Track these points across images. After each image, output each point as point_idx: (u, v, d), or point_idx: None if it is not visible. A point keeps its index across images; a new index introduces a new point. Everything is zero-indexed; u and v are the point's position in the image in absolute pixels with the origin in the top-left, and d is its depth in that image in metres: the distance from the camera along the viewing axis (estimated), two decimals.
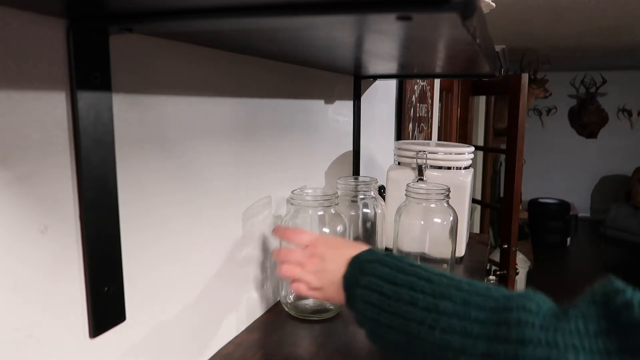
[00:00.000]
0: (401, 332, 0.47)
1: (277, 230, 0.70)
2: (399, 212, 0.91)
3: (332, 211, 0.82)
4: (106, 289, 0.48)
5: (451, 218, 0.88)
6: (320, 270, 0.60)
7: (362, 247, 0.59)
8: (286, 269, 0.63)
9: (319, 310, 0.81)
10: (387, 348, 0.51)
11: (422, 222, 0.90)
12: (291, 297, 0.83)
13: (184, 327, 0.63)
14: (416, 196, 0.89)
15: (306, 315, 0.81)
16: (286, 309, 0.82)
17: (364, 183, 0.95)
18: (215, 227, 0.68)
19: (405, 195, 0.90)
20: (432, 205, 0.89)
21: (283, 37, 0.53)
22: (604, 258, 4.93)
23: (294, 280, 0.63)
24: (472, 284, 0.46)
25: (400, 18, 0.31)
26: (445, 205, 0.88)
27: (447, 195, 0.88)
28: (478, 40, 0.43)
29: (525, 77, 2.01)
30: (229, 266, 0.72)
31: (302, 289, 0.62)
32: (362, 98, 1.21)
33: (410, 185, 0.91)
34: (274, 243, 0.85)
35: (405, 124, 1.65)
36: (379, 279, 0.51)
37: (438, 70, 0.95)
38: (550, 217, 5.26)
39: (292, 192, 0.81)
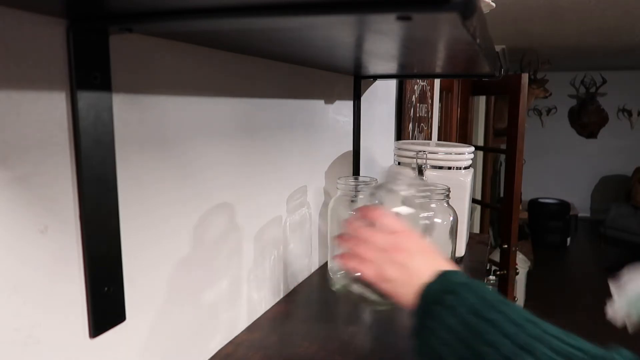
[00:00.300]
0: None
1: (364, 210, 0.61)
2: (398, 212, 0.91)
3: (445, 205, 0.87)
4: (106, 289, 0.48)
5: (451, 218, 0.88)
6: (401, 265, 0.55)
7: (451, 264, 0.55)
8: (365, 248, 0.57)
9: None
10: None
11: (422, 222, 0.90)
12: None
13: (184, 327, 0.63)
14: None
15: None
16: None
17: (364, 183, 0.95)
18: (216, 227, 0.68)
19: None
20: (432, 206, 0.89)
21: (283, 37, 0.53)
22: (604, 258, 4.93)
23: (364, 261, 0.56)
24: (562, 340, 0.42)
25: (400, 18, 0.31)
26: (445, 205, 0.88)
27: (447, 195, 0.88)
28: (478, 40, 0.43)
29: (525, 77, 2.01)
30: (229, 266, 0.72)
31: (371, 273, 0.56)
32: (362, 98, 1.21)
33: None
34: (274, 243, 0.85)
35: (405, 124, 1.65)
36: (466, 306, 0.47)
37: (438, 70, 0.95)
38: (550, 217, 5.26)
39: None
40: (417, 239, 0.58)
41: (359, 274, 0.58)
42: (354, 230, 0.59)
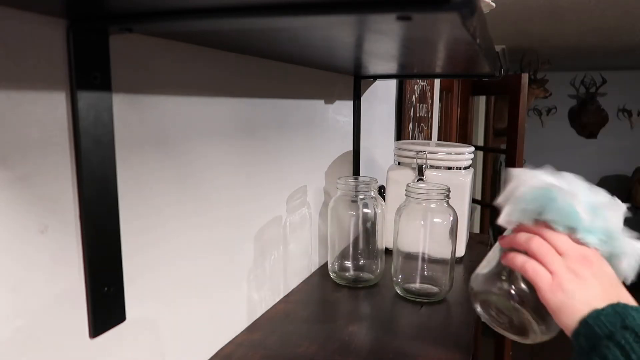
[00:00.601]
0: None
1: (540, 225, 0.54)
2: (399, 212, 0.91)
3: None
4: (106, 289, 0.48)
5: (451, 218, 0.88)
6: (583, 280, 0.48)
7: (631, 299, 0.48)
8: (547, 248, 0.50)
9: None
10: None
11: (422, 222, 0.90)
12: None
13: (184, 327, 0.63)
14: (416, 196, 0.89)
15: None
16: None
17: (364, 183, 0.95)
18: (216, 227, 0.68)
19: (405, 195, 0.90)
20: (432, 205, 0.89)
21: (283, 37, 0.53)
22: None
23: (538, 261, 0.50)
24: None
25: (400, 18, 0.31)
26: (445, 205, 0.88)
27: (447, 195, 0.88)
28: (478, 40, 0.43)
29: (525, 77, 2.01)
30: (229, 266, 0.72)
31: (543, 279, 0.49)
32: (362, 98, 1.21)
33: (410, 185, 0.91)
34: (274, 243, 0.85)
35: (405, 124, 1.65)
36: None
37: (438, 70, 0.95)
38: None
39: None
40: (604, 263, 0.51)
41: (530, 279, 0.50)
42: (536, 230, 0.52)
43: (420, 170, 1.08)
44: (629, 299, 0.48)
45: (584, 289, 0.47)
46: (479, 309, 0.60)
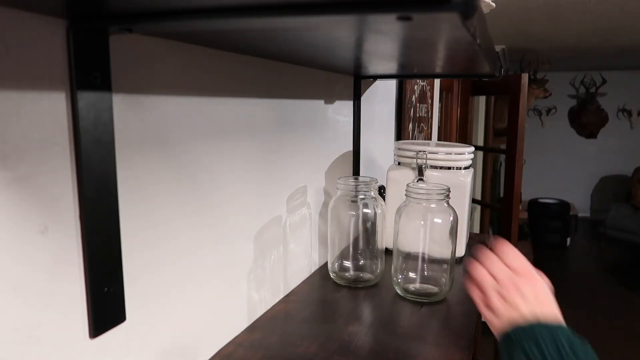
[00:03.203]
0: None
1: (498, 241, 0.67)
2: (399, 212, 0.91)
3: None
4: (106, 289, 0.48)
5: (451, 218, 0.88)
6: (510, 302, 0.60)
7: (557, 315, 0.59)
8: (482, 274, 0.63)
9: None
10: None
11: (422, 222, 0.90)
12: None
13: (184, 327, 0.63)
14: (416, 196, 0.89)
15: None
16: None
17: (364, 183, 0.95)
18: (216, 227, 0.68)
19: (406, 195, 0.90)
20: (432, 206, 0.89)
21: (283, 37, 0.53)
22: (604, 258, 4.93)
23: (479, 287, 0.63)
24: None
25: (400, 18, 0.31)
26: (445, 205, 0.88)
27: (447, 195, 0.88)
28: (478, 40, 0.43)
29: (525, 77, 2.01)
30: (229, 266, 0.72)
31: (479, 300, 0.63)
32: (362, 98, 1.21)
33: (411, 185, 0.91)
34: (274, 243, 0.85)
35: (405, 124, 1.65)
36: (535, 356, 0.52)
37: (438, 70, 0.95)
38: (550, 217, 5.26)
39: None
40: (535, 284, 0.62)
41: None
42: (482, 257, 0.65)
43: (420, 170, 1.08)
44: (555, 315, 0.58)
45: (507, 309, 0.59)
46: None
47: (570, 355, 0.51)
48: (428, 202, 0.89)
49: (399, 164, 1.14)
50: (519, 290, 0.60)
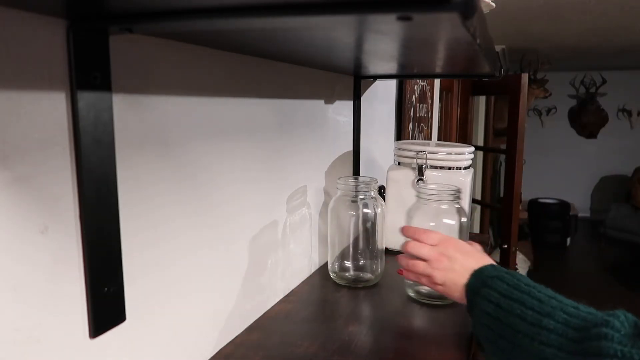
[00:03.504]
0: (508, 340, 0.55)
1: (407, 229, 0.77)
2: (409, 213, 0.91)
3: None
4: (106, 289, 0.48)
5: (462, 219, 0.89)
6: (447, 269, 0.68)
7: (487, 260, 0.68)
8: (412, 263, 0.72)
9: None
10: (494, 352, 0.58)
11: (433, 224, 0.89)
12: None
13: (184, 327, 0.63)
14: (427, 197, 0.89)
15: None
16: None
17: (364, 183, 0.95)
18: (216, 227, 0.68)
19: (417, 196, 0.90)
20: (444, 207, 0.89)
21: (283, 37, 0.53)
22: (604, 258, 4.93)
23: (418, 274, 0.72)
24: (577, 308, 0.53)
25: (400, 18, 0.31)
26: (456, 206, 0.89)
27: (458, 197, 0.88)
28: (478, 40, 0.43)
29: (525, 77, 2.01)
30: (229, 266, 0.72)
31: (425, 281, 0.72)
32: (362, 98, 1.21)
33: (419, 185, 0.91)
34: (274, 244, 0.85)
35: (405, 124, 1.65)
36: (497, 292, 0.59)
37: (438, 70, 0.95)
38: (550, 217, 5.26)
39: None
40: (455, 244, 0.71)
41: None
42: (404, 248, 0.75)
43: (420, 170, 1.08)
44: (482, 260, 0.67)
45: (450, 276, 0.68)
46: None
47: (519, 280, 0.59)
48: (439, 203, 0.88)
49: (399, 164, 1.14)
50: (446, 256, 0.69)
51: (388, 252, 0.97)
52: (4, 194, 0.39)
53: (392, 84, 1.55)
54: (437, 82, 2.13)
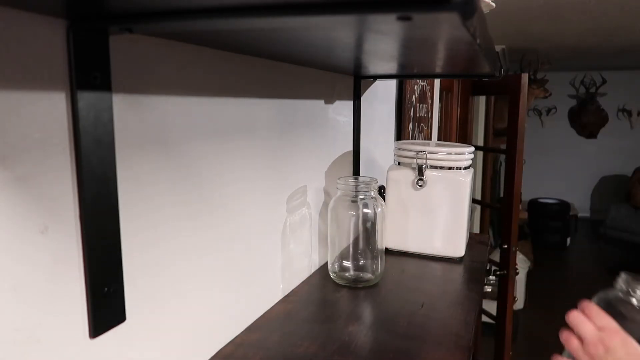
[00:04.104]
0: None
1: (584, 303, 0.70)
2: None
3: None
4: (106, 289, 0.48)
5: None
6: (598, 358, 0.63)
7: None
8: (566, 335, 0.68)
9: None
10: None
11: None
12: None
13: (184, 327, 0.63)
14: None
15: None
16: None
17: (364, 183, 0.95)
18: (216, 227, 0.68)
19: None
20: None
21: (283, 37, 0.53)
22: (604, 258, 4.93)
23: (570, 345, 0.67)
24: None
25: (400, 18, 0.31)
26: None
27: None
28: (478, 40, 0.43)
29: (525, 77, 2.01)
30: (229, 266, 0.72)
31: (573, 353, 0.66)
32: (362, 98, 1.21)
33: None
34: (274, 244, 0.85)
35: (405, 124, 1.65)
36: None
37: (438, 70, 0.95)
38: (550, 217, 5.26)
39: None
40: (623, 339, 0.64)
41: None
42: (567, 318, 0.69)
43: (420, 171, 1.08)
44: None
45: None
46: None
47: None
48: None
49: (399, 164, 1.14)
50: (605, 346, 0.63)
51: (388, 252, 0.97)
52: (3, 194, 0.39)
53: (392, 84, 1.55)
54: (437, 82, 2.13)
